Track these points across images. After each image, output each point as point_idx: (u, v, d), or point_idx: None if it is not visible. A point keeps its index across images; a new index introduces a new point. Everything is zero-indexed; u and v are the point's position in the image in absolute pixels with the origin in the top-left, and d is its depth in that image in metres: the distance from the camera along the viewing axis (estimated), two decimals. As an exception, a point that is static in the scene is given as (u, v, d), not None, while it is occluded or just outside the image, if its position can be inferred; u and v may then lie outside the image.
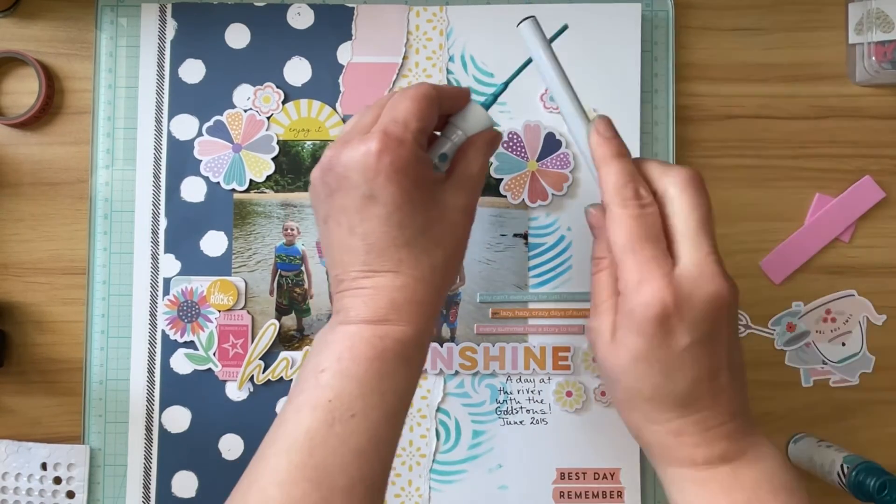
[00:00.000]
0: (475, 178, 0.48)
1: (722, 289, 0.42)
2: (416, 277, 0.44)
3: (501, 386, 0.64)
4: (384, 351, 0.43)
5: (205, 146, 0.64)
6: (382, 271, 0.44)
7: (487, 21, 0.64)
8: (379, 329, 0.43)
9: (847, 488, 0.57)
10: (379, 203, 0.43)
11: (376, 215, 0.44)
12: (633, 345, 0.42)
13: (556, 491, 0.63)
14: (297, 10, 0.65)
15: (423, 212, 0.44)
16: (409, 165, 0.43)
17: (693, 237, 0.43)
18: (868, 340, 0.65)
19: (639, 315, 0.42)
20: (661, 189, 0.44)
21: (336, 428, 0.41)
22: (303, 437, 0.41)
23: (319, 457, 0.41)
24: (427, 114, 0.45)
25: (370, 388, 0.42)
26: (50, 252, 0.64)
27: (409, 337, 0.44)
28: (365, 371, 0.42)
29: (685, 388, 0.42)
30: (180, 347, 0.63)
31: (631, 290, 0.42)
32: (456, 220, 0.46)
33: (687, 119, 0.65)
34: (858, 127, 0.65)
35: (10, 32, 0.65)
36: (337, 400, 0.42)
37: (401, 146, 0.43)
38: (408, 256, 0.44)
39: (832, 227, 0.65)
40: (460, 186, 0.47)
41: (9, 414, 0.64)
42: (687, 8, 0.66)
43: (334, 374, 0.43)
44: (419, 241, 0.44)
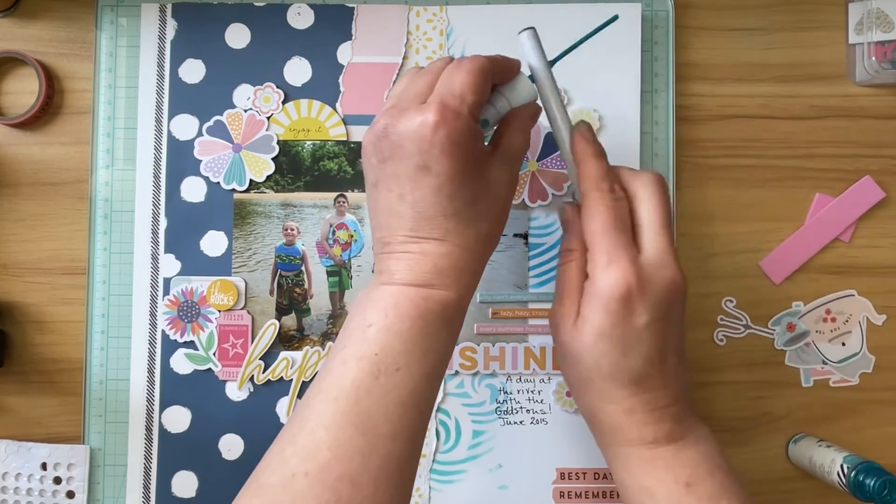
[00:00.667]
0: (519, 152, 0.50)
1: (678, 276, 0.48)
2: (461, 246, 0.46)
3: (501, 386, 0.64)
4: (427, 311, 0.45)
5: (205, 146, 0.64)
6: (429, 238, 0.46)
7: (487, 21, 0.64)
8: (423, 291, 0.46)
9: (847, 488, 0.57)
10: (432, 174, 0.45)
11: (428, 185, 0.45)
12: (597, 322, 0.47)
13: (556, 491, 0.63)
14: (297, 10, 0.65)
15: (472, 184, 0.46)
16: (464, 139, 0.45)
17: (657, 230, 0.48)
18: (868, 340, 0.65)
19: (606, 293, 0.46)
20: (631, 189, 0.50)
21: (381, 380, 0.44)
22: (349, 386, 0.44)
23: (364, 405, 0.43)
24: (482, 88, 0.46)
25: (414, 344, 0.45)
26: (50, 252, 0.64)
27: (450, 301, 0.46)
28: (409, 328, 0.45)
29: (640, 365, 0.47)
30: (180, 347, 0.63)
31: (600, 271, 0.47)
32: (501, 193, 0.48)
33: (687, 119, 0.65)
34: (858, 127, 0.65)
35: (10, 32, 0.65)
36: (383, 353, 0.44)
37: (457, 119, 0.44)
38: (455, 226, 0.46)
39: (832, 227, 0.65)
40: (505, 160, 0.48)
41: (9, 414, 0.64)
42: (687, 8, 0.66)
43: (380, 329, 0.45)
44: (466, 212, 0.46)
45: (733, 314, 0.65)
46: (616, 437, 0.49)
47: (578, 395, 0.50)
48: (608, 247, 0.47)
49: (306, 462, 0.42)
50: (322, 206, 0.64)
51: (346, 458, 0.42)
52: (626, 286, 0.46)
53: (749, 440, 0.65)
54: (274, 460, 0.44)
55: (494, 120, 0.50)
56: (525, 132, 0.50)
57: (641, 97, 0.64)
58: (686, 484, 0.46)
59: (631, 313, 0.46)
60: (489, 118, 0.49)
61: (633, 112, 0.64)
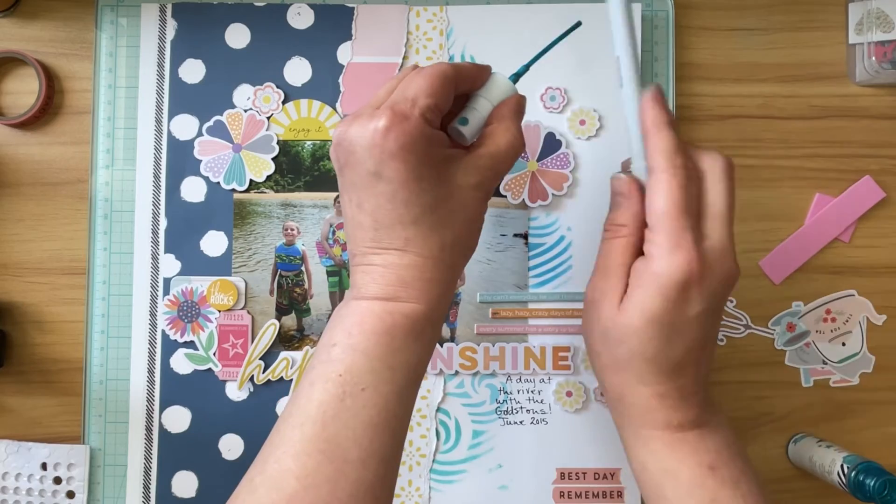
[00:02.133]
0: (498, 155, 0.46)
1: (735, 269, 0.46)
2: (425, 255, 0.44)
3: (501, 386, 0.64)
4: (393, 326, 0.44)
5: (205, 146, 0.64)
6: (391, 249, 0.45)
7: (487, 21, 0.64)
8: (388, 305, 0.44)
9: (847, 488, 0.57)
10: (384, 180, 0.43)
11: (382, 192, 0.44)
12: (650, 306, 0.44)
13: (556, 491, 0.63)
14: (297, 10, 0.65)
15: (431, 189, 0.44)
16: (414, 142, 0.43)
17: (724, 219, 0.46)
18: (868, 340, 0.65)
19: (666, 278, 0.44)
20: (702, 168, 0.46)
21: (347, 401, 0.42)
22: (315, 411, 0.43)
23: (332, 430, 0.42)
24: (439, 90, 0.45)
25: (380, 362, 0.43)
26: (50, 252, 0.64)
27: (418, 313, 0.44)
28: (374, 345, 0.43)
29: (682, 353, 0.46)
30: (180, 347, 0.63)
31: (663, 253, 0.44)
32: (466, 198, 0.45)
33: (687, 119, 0.65)
34: (858, 127, 0.65)
35: (10, 32, 0.65)
36: (347, 374, 0.43)
37: (406, 122, 0.43)
38: (415, 234, 0.44)
39: (832, 227, 0.65)
40: (475, 164, 0.46)
41: (9, 414, 0.64)
42: (687, 8, 0.66)
43: (344, 349, 0.44)
44: (427, 220, 0.44)
45: (733, 314, 0.65)
46: (644, 420, 0.47)
47: (609, 375, 0.48)
48: (676, 229, 0.44)
49: (273, 492, 0.41)
50: (322, 206, 0.64)
51: (313, 488, 0.41)
52: (689, 273, 0.44)
53: (749, 440, 0.65)
54: (244, 489, 0.43)
55: (477, 119, 0.48)
56: (510, 130, 0.47)
57: (641, 97, 0.64)
58: (710, 467, 0.46)
59: (686, 301, 0.44)
60: (468, 116, 0.48)
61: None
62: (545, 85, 0.64)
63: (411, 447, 0.63)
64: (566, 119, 0.64)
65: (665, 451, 0.47)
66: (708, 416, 0.48)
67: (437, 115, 0.45)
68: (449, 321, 0.64)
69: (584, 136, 0.64)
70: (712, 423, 0.48)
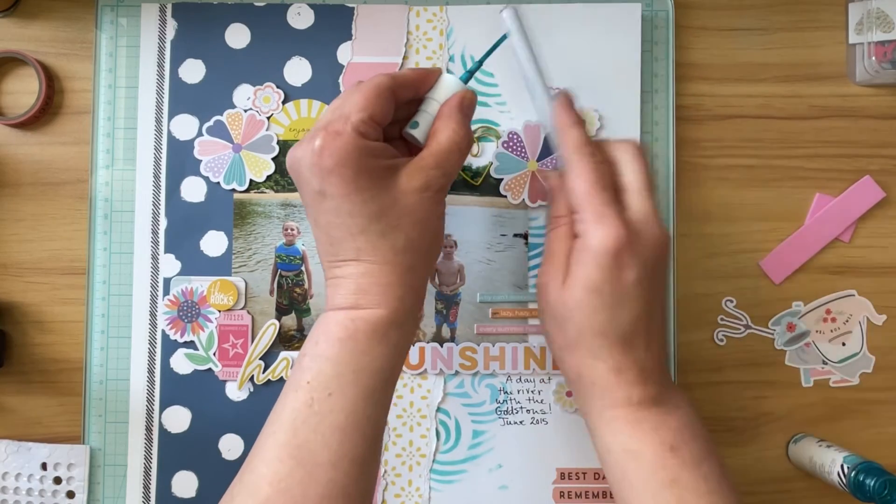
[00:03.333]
0: (440, 152, 0.48)
1: (664, 234, 0.49)
2: (378, 262, 0.46)
3: (501, 386, 0.64)
4: (355, 332, 0.45)
5: (205, 146, 0.64)
6: (347, 260, 0.46)
7: (487, 21, 0.64)
8: (351, 313, 0.46)
9: (847, 488, 0.57)
10: (328, 196, 0.45)
11: (328, 208, 0.46)
12: (589, 276, 0.48)
13: (556, 491, 0.63)
14: (297, 10, 0.65)
15: (375, 199, 0.45)
16: (348, 157, 0.45)
17: (642, 192, 0.49)
18: (868, 340, 0.65)
19: (598, 247, 0.47)
20: (612, 156, 0.51)
21: (315, 407, 0.44)
22: (287, 418, 0.45)
23: (302, 435, 0.44)
24: (374, 102, 0.46)
25: (345, 366, 0.45)
26: (50, 252, 0.64)
27: (379, 317, 0.46)
28: (339, 351, 0.45)
29: (629, 321, 0.48)
30: (180, 347, 0.63)
31: (591, 227, 0.48)
32: (411, 201, 0.46)
33: (687, 119, 0.65)
34: (858, 127, 0.65)
35: (10, 32, 0.65)
36: (314, 380, 0.45)
37: (338, 139, 0.45)
38: (364, 244, 0.46)
39: (832, 227, 0.65)
40: (418, 166, 0.47)
41: (9, 414, 0.64)
42: (687, 8, 0.66)
43: (312, 357, 0.46)
44: (374, 228, 0.46)
45: (733, 314, 0.65)
46: (604, 398, 0.49)
47: (565, 356, 0.50)
48: (597, 204, 0.48)
49: (249, 499, 0.43)
50: (322, 206, 0.64)
51: (285, 492, 0.43)
52: (616, 240, 0.47)
53: (749, 440, 0.65)
54: (225, 499, 0.46)
55: (426, 121, 0.50)
56: (449, 127, 0.49)
57: (641, 97, 0.64)
58: (671, 447, 0.47)
59: (621, 268, 0.47)
60: (419, 119, 0.49)
61: (633, 112, 0.64)
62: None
63: (411, 447, 0.63)
64: (566, 119, 0.64)
65: (627, 429, 0.48)
66: (668, 394, 0.49)
67: (374, 127, 0.47)
68: (449, 321, 0.64)
69: (584, 136, 0.64)
70: (673, 401, 0.49)
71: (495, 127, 0.64)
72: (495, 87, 0.64)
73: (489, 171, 0.64)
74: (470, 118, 0.50)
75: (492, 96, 0.64)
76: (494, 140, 0.64)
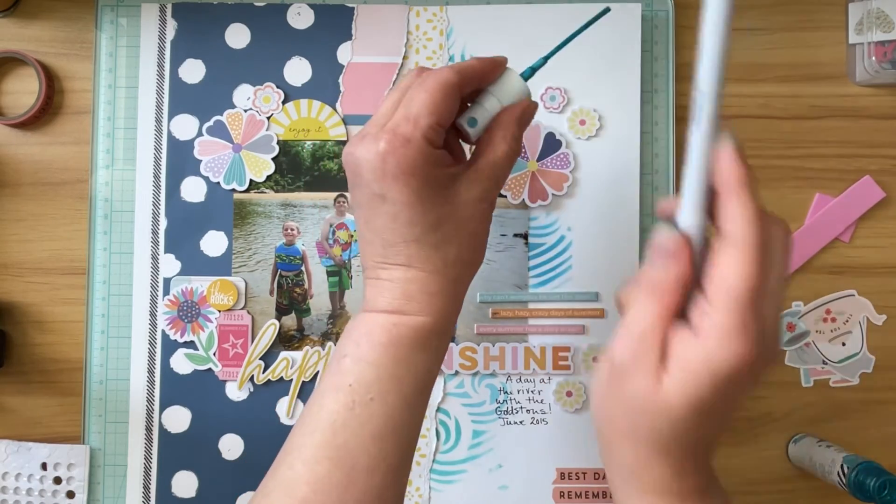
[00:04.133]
0: (501, 163, 0.47)
1: (780, 352, 0.44)
2: (428, 270, 0.45)
3: (501, 386, 0.64)
4: (399, 338, 0.45)
5: (205, 146, 0.64)
6: (395, 265, 0.46)
7: (487, 21, 0.64)
8: (394, 318, 0.45)
9: (847, 488, 0.57)
10: (388, 202, 0.44)
11: (385, 213, 0.45)
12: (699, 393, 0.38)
13: (556, 491, 0.63)
14: (297, 10, 0.65)
15: (435, 208, 0.44)
16: (416, 165, 0.43)
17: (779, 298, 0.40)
18: (868, 340, 0.65)
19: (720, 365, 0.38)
20: None
21: (356, 410, 0.43)
22: (326, 419, 0.44)
23: (341, 438, 0.43)
24: (442, 106, 0.44)
25: (387, 373, 0.44)
26: (50, 252, 0.64)
27: (423, 325, 0.45)
28: (381, 356, 0.44)
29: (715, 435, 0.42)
30: (180, 347, 0.63)
31: (722, 337, 0.38)
32: (470, 212, 0.46)
33: (687, 119, 0.65)
34: (858, 127, 0.65)
35: (10, 32, 0.65)
36: (357, 384, 0.44)
37: (407, 146, 0.43)
38: (417, 252, 0.45)
39: (832, 227, 0.65)
40: (476, 178, 0.46)
41: (9, 414, 0.64)
42: (687, 8, 0.66)
43: (354, 360, 0.45)
44: (429, 238, 0.45)
45: (733, 314, 0.65)
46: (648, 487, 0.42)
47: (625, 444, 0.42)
48: (744, 315, 0.37)
49: (285, 497, 0.43)
50: (322, 206, 0.64)
51: (323, 493, 0.42)
52: (745, 363, 0.37)
53: (749, 440, 0.65)
54: (259, 494, 0.45)
55: (485, 119, 0.47)
56: (509, 139, 0.47)
57: (641, 97, 0.64)
58: None
59: (737, 392, 0.39)
60: (477, 117, 0.47)
61: (633, 112, 0.64)
62: (545, 85, 0.64)
63: (411, 447, 0.63)
64: (566, 119, 0.64)
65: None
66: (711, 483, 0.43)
67: (440, 132, 0.45)
68: (449, 321, 0.64)
69: (584, 136, 0.64)
70: (711, 488, 0.43)
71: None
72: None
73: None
74: (525, 129, 0.49)
75: (492, 96, 0.64)
76: (494, 140, 0.64)
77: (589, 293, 0.64)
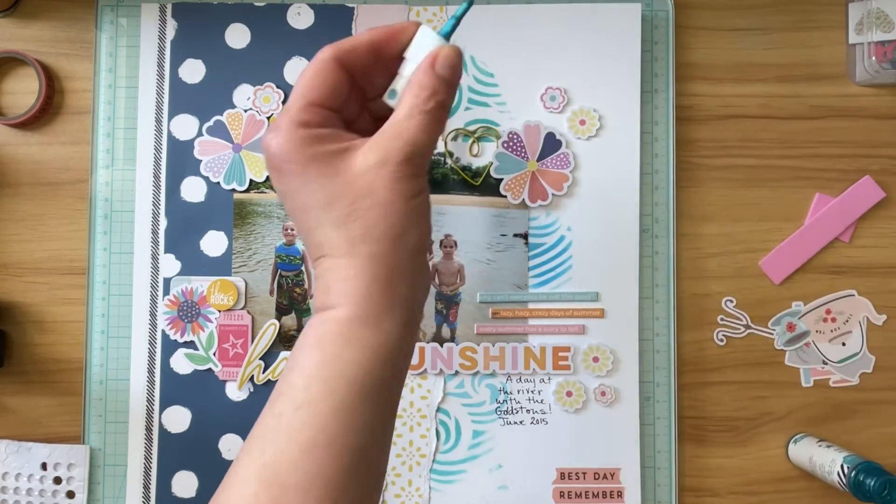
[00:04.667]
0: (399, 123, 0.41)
1: None
2: (336, 255, 0.41)
3: (501, 386, 0.64)
4: (322, 336, 0.40)
5: (205, 146, 0.64)
6: (317, 258, 0.42)
7: (487, 21, 0.64)
8: (321, 315, 0.41)
9: (847, 488, 0.57)
10: (285, 195, 0.42)
11: (289, 207, 0.43)
12: None
13: (556, 491, 0.63)
14: (297, 10, 0.65)
15: (323, 187, 0.41)
16: (289, 151, 0.41)
17: None
18: (868, 340, 0.65)
19: None
20: None
21: (283, 422, 0.39)
22: (258, 434, 0.40)
23: (270, 454, 0.39)
24: (312, 84, 0.42)
25: (312, 377, 0.40)
26: (50, 252, 0.64)
27: (344, 316, 0.40)
28: (306, 360, 0.40)
29: None
30: (180, 347, 0.63)
31: None
32: (370, 180, 0.40)
33: (687, 119, 0.65)
34: (858, 127, 0.65)
35: (10, 32, 0.65)
36: (286, 393, 0.40)
37: (278, 134, 0.41)
38: (323, 238, 0.41)
39: (832, 227, 0.65)
40: (373, 142, 0.41)
41: (9, 414, 0.64)
42: (687, 8, 0.66)
43: (288, 367, 0.41)
44: (327, 219, 0.41)
45: (733, 314, 0.65)
46: None
47: None
48: None
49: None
50: (322, 206, 0.64)
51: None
52: None
53: (749, 440, 0.65)
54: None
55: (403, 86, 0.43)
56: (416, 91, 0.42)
57: (641, 97, 0.64)
58: None
59: None
60: (396, 87, 0.43)
61: (633, 112, 0.64)
62: (545, 85, 0.64)
63: (411, 447, 0.63)
64: (566, 119, 0.64)
65: None
66: None
67: (317, 112, 0.42)
68: (449, 321, 0.64)
69: (584, 136, 0.64)
70: None
71: (495, 127, 0.64)
72: (495, 87, 0.64)
73: (489, 171, 0.64)
74: (449, 78, 0.42)
75: (492, 96, 0.64)
76: (494, 140, 0.64)
77: (589, 293, 0.64)
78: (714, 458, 0.64)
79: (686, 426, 0.64)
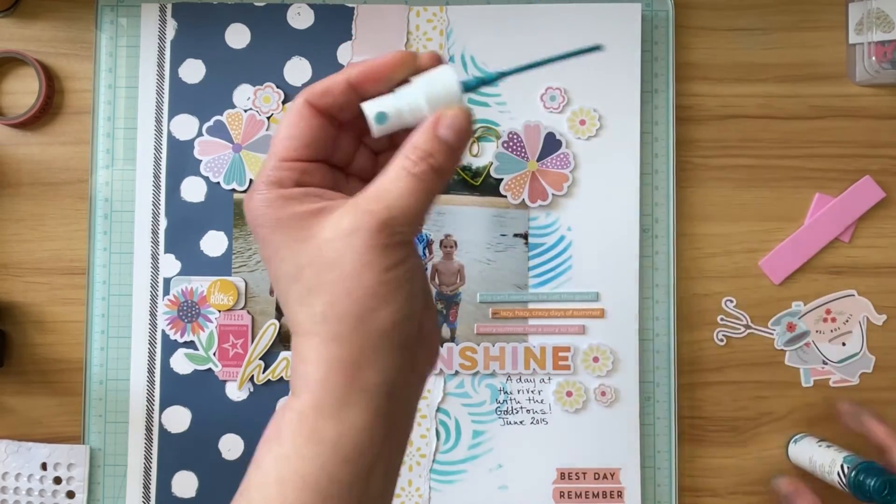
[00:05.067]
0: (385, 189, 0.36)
1: None
2: (300, 333, 0.36)
3: (501, 386, 0.64)
4: (280, 428, 0.36)
5: (205, 146, 0.64)
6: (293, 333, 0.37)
7: (487, 21, 0.64)
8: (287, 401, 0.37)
9: (847, 488, 0.57)
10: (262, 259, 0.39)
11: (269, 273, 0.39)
12: None
13: (556, 491, 0.63)
14: (297, 10, 0.65)
15: (291, 257, 0.36)
16: (257, 216, 0.36)
17: None
18: (868, 340, 0.65)
19: None
20: None
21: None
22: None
23: None
24: (288, 134, 0.37)
25: (269, 476, 0.36)
26: (50, 252, 0.64)
27: (302, 406, 0.35)
28: (265, 454, 0.36)
29: None
30: (180, 347, 0.63)
31: None
32: (334, 250, 0.35)
33: (687, 119, 0.65)
34: (858, 127, 0.65)
35: (10, 32, 0.65)
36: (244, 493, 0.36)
37: (249, 196, 0.37)
38: (290, 313, 0.36)
39: (832, 227, 0.65)
40: (350, 204, 0.35)
41: (9, 414, 0.64)
42: (687, 8, 0.66)
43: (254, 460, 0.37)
44: (294, 292, 0.36)
45: (733, 314, 0.65)
46: None
47: None
48: None
49: None
50: (322, 206, 0.64)
51: None
52: None
53: (749, 440, 0.65)
54: None
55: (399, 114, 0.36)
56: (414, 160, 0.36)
57: (641, 97, 0.64)
58: None
59: None
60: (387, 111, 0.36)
61: (633, 112, 0.64)
62: (545, 85, 0.64)
63: (411, 447, 0.63)
64: (566, 119, 0.64)
65: None
66: None
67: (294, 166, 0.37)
68: (449, 321, 0.64)
69: (584, 136, 0.64)
70: None
71: (495, 127, 0.64)
72: (495, 87, 0.64)
73: (489, 171, 0.64)
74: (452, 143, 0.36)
75: (492, 96, 0.64)
76: (494, 140, 0.64)
77: (589, 293, 0.64)
78: (714, 458, 0.64)
79: (686, 426, 0.64)
